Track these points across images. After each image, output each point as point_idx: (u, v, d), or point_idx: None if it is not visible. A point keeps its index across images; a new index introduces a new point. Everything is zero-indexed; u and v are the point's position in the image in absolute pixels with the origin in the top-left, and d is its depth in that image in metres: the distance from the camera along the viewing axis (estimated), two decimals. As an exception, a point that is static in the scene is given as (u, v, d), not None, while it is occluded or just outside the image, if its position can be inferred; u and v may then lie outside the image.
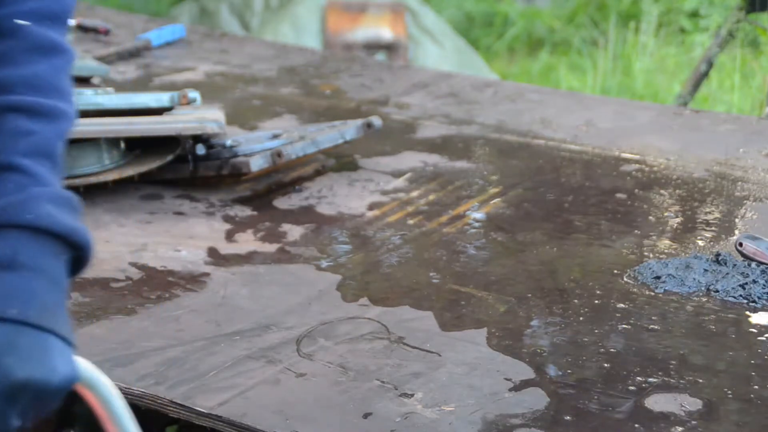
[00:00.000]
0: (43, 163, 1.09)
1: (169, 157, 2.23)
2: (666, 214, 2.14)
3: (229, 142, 2.29)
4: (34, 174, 1.07)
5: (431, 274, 1.91)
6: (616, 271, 1.90)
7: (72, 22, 3.29)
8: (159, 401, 1.53)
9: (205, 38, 3.48)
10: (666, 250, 1.97)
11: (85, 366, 1.06)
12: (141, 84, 2.99)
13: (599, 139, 2.54)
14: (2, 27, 1.13)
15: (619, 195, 2.23)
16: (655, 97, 5.34)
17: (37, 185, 1.07)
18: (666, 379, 1.56)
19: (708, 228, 2.07)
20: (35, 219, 1.04)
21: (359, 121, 2.41)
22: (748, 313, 1.75)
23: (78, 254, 1.07)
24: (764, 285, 1.80)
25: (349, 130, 2.38)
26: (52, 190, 1.08)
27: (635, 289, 1.83)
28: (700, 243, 2.00)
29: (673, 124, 2.64)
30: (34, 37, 1.14)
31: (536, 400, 1.51)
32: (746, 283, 1.80)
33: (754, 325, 1.71)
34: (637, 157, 2.43)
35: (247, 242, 2.05)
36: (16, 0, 1.14)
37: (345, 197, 2.25)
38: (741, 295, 1.78)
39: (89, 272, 1.90)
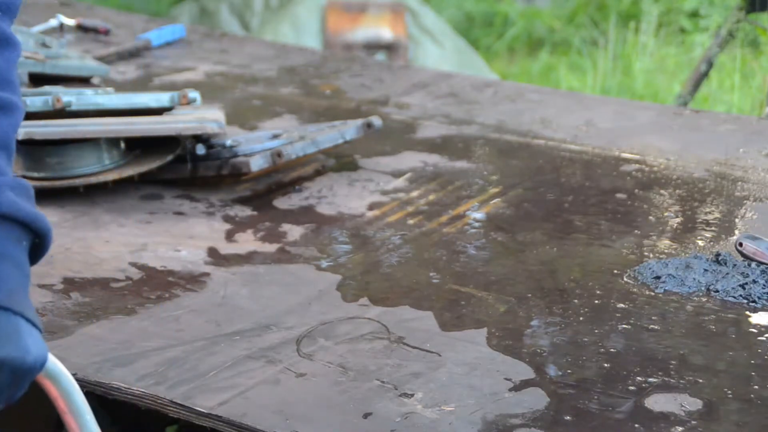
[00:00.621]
0: (0, 154, 1.10)
1: (169, 157, 2.23)
2: (666, 214, 2.14)
3: (229, 142, 2.29)
4: None
5: (431, 274, 1.91)
6: (616, 271, 1.90)
7: (71, 21, 3.31)
8: (159, 401, 1.53)
9: (205, 38, 3.48)
10: (666, 250, 1.97)
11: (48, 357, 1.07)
12: (141, 84, 2.99)
13: (599, 139, 2.54)
14: None
15: (619, 195, 2.23)
16: (655, 97, 5.34)
17: None
18: (666, 379, 1.56)
19: (708, 228, 2.07)
20: None
21: (359, 121, 2.41)
22: (748, 313, 1.75)
23: (38, 241, 1.09)
24: (764, 285, 1.80)
25: (349, 130, 2.38)
26: (11, 179, 1.08)
27: (635, 289, 1.83)
28: (700, 243, 2.00)
29: (673, 124, 2.64)
30: None
31: (536, 400, 1.51)
32: (746, 283, 1.80)
33: (754, 325, 1.71)
34: (637, 157, 2.43)
35: (247, 242, 2.05)
36: None
37: (345, 197, 2.25)
38: (741, 295, 1.78)
39: (89, 272, 1.92)
